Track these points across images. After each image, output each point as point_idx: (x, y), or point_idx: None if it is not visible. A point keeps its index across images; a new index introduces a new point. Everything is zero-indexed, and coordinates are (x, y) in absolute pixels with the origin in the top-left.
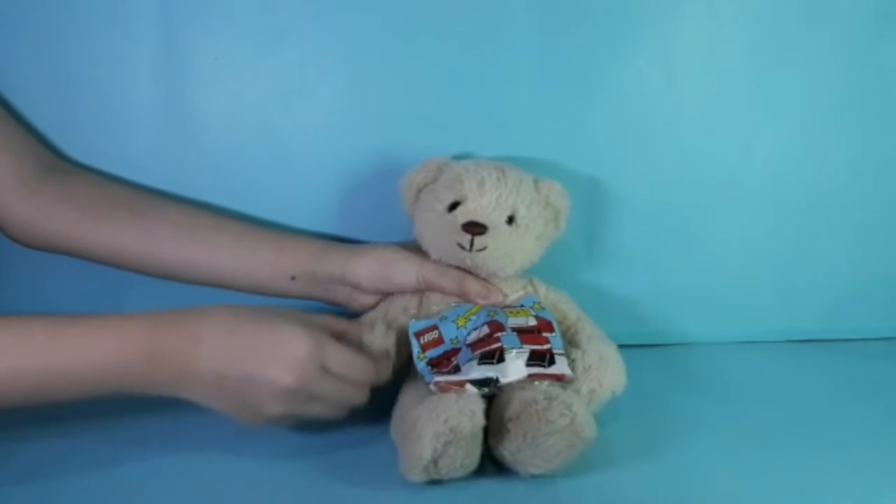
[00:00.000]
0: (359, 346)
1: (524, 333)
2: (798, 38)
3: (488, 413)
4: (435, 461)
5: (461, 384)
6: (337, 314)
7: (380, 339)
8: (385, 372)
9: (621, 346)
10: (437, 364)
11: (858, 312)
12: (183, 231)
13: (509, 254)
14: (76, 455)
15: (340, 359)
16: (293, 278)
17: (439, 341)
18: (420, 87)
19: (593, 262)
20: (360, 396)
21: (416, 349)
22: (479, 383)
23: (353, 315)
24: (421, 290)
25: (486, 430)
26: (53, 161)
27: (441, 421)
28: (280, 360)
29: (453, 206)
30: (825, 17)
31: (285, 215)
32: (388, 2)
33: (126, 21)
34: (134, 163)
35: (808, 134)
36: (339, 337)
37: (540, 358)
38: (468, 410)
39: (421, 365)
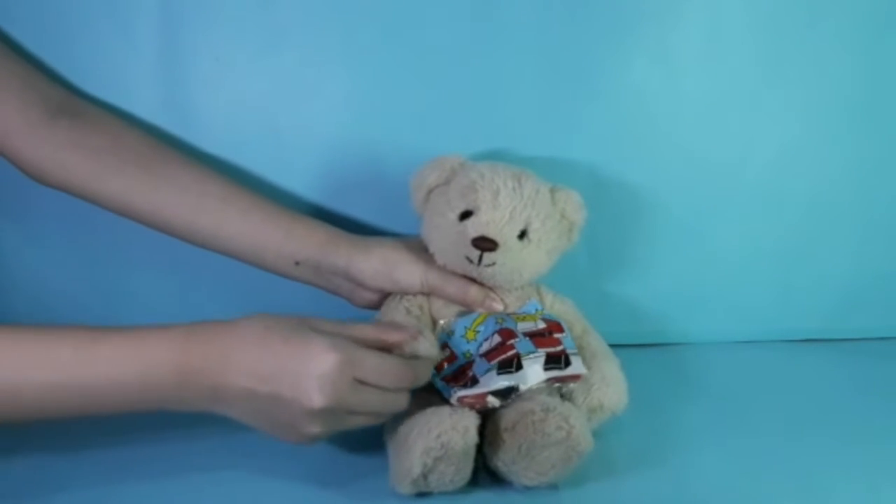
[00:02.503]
0: (394, 352)
1: (536, 337)
2: (799, 38)
3: (484, 423)
4: (424, 475)
5: (483, 396)
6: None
7: (427, 347)
8: (424, 374)
9: (621, 346)
10: (452, 379)
11: (859, 312)
12: (191, 198)
13: (518, 269)
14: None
15: (374, 368)
16: (297, 263)
17: (452, 358)
18: (420, 88)
19: (593, 262)
20: (400, 402)
21: (431, 371)
22: (500, 394)
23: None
24: (424, 293)
25: (482, 439)
26: (64, 101)
27: (433, 436)
28: (309, 380)
29: (465, 216)
30: (826, 18)
31: None
32: (388, 1)
33: (127, 21)
34: None
35: (809, 134)
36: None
37: (556, 360)
38: (461, 427)
39: (438, 382)
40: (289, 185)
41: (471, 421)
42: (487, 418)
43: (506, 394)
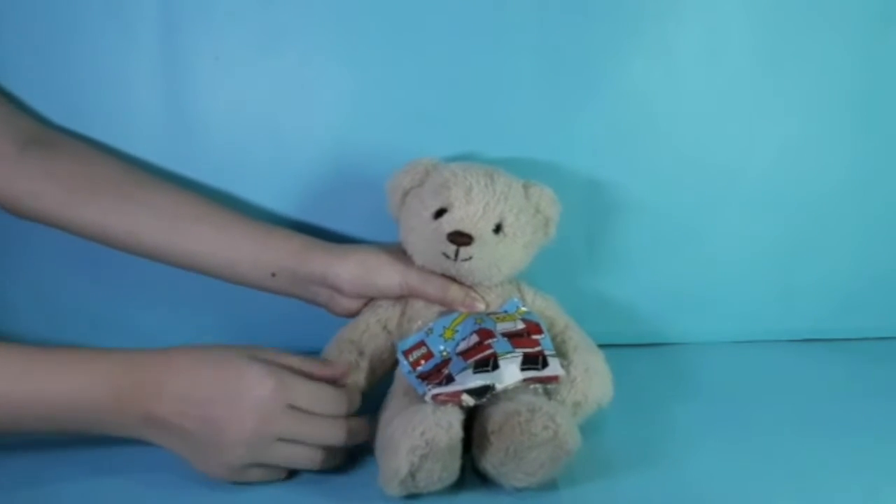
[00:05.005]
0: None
1: (514, 337)
2: (799, 38)
3: (470, 424)
4: (412, 475)
5: (458, 394)
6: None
7: (360, 378)
8: (356, 401)
9: (620, 346)
10: (427, 377)
11: (859, 312)
12: (166, 218)
13: (495, 263)
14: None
15: (308, 394)
16: (273, 275)
17: (429, 356)
18: (420, 88)
19: (593, 262)
20: (334, 434)
21: (405, 367)
22: (475, 392)
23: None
24: (404, 296)
25: (469, 443)
26: (36, 132)
27: (417, 434)
28: (242, 404)
29: (439, 213)
30: (826, 18)
31: (285, 215)
32: (388, 1)
33: (127, 21)
34: (134, 163)
35: (809, 134)
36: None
37: (533, 361)
38: (445, 422)
39: (412, 378)
40: (288, 186)
41: (455, 416)
42: (474, 421)
43: (481, 392)
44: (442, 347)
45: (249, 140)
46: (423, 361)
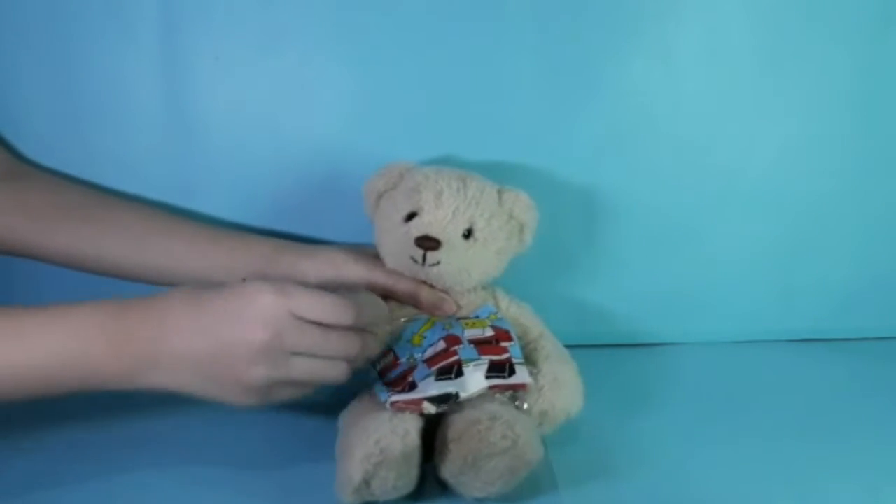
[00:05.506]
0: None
1: (481, 345)
2: (799, 37)
3: (434, 432)
4: (367, 482)
5: (418, 402)
6: None
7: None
8: (371, 313)
9: (621, 347)
10: (392, 384)
11: (859, 312)
12: (135, 237)
13: (465, 269)
14: (73, 465)
15: (312, 302)
16: (245, 280)
17: (395, 363)
18: (420, 88)
19: (593, 263)
20: (348, 346)
21: (371, 374)
22: (437, 400)
23: None
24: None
25: (433, 450)
26: (8, 166)
27: (371, 442)
28: (248, 317)
29: (410, 217)
30: (827, 18)
31: (284, 215)
32: (388, 2)
33: (127, 21)
34: (134, 163)
35: (809, 134)
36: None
37: (499, 369)
38: (401, 430)
39: (377, 385)
40: (288, 185)
41: (412, 424)
42: (437, 428)
43: (442, 400)
44: (409, 353)
45: (249, 140)
46: (388, 370)
